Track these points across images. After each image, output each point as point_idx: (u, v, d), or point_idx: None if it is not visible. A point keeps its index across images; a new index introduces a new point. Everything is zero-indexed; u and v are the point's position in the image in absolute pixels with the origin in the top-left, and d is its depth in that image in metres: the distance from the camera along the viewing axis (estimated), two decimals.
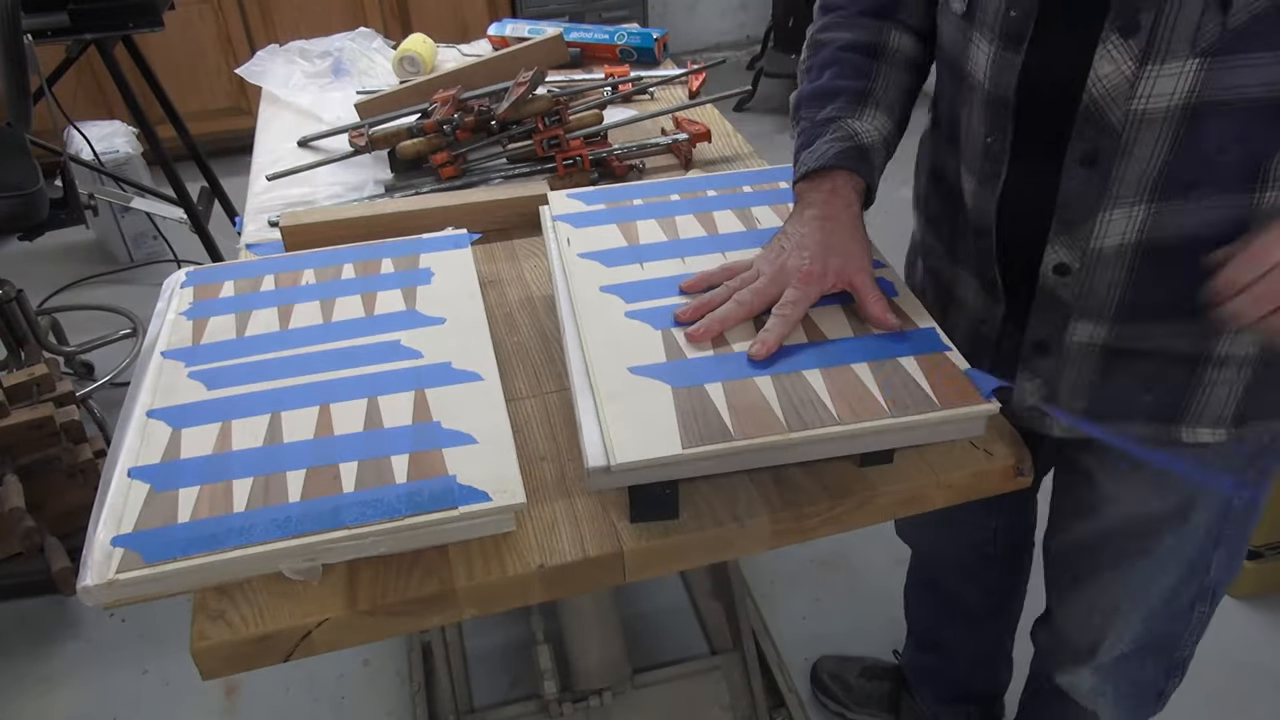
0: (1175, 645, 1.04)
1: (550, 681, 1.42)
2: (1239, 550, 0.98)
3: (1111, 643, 1.04)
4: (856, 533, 0.82)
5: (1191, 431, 0.84)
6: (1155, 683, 1.07)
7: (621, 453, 0.70)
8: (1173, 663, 1.06)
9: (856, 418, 0.73)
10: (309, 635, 0.69)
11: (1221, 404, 0.83)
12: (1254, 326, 0.69)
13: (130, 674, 1.72)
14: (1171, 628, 1.02)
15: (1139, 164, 0.74)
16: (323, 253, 1.03)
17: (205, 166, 2.69)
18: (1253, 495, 0.92)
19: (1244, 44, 0.68)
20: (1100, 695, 1.08)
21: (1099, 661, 1.06)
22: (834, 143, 0.88)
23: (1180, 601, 0.99)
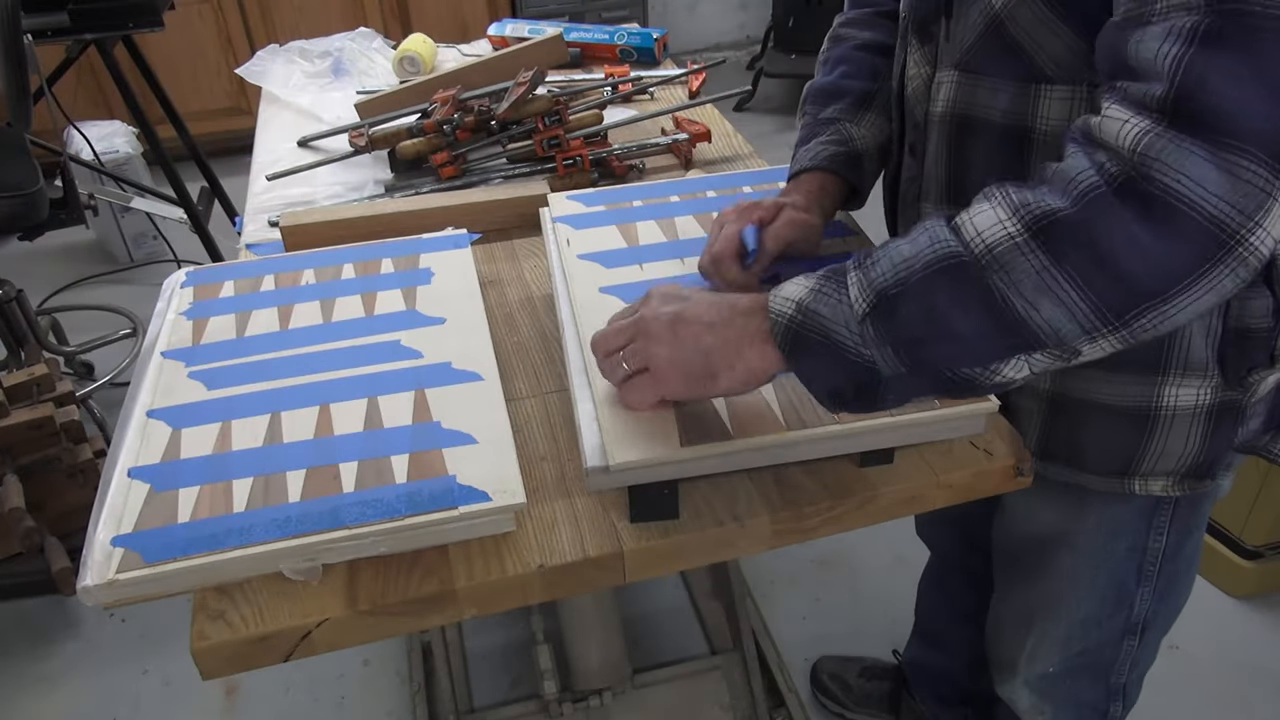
0: (1109, 671, 1.01)
1: (550, 681, 1.42)
2: (1171, 592, 0.95)
3: (1031, 657, 1.02)
4: (856, 533, 0.82)
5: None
6: (1096, 705, 1.04)
7: (619, 453, 0.70)
8: (1111, 688, 1.02)
9: (855, 416, 0.73)
10: (309, 635, 0.69)
11: (1025, 429, 0.86)
12: None
13: (130, 674, 1.72)
14: (1100, 655, 0.99)
15: (936, 164, 0.83)
16: (323, 253, 1.03)
17: (205, 166, 2.69)
18: (1177, 541, 0.90)
19: (980, 64, 0.75)
20: (1039, 713, 1.07)
21: (1028, 676, 1.05)
22: (828, 144, 0.92)
23: (1106, 632, 0.97)
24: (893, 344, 0.63)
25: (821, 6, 3.58)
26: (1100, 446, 0.83)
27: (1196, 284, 0.56)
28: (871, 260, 0.64)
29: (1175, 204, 0.54)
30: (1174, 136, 0.54)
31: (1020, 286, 0.58)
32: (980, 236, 0.60)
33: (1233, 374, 0.76)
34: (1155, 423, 0.79)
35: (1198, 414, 0.79)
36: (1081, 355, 0.61)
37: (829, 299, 0.65)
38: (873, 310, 0.63)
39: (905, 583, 1.81)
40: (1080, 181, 0.57)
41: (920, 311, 0.61)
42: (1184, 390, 0.77)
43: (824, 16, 3.60)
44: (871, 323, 0.63)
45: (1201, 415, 0.79)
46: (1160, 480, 0.83)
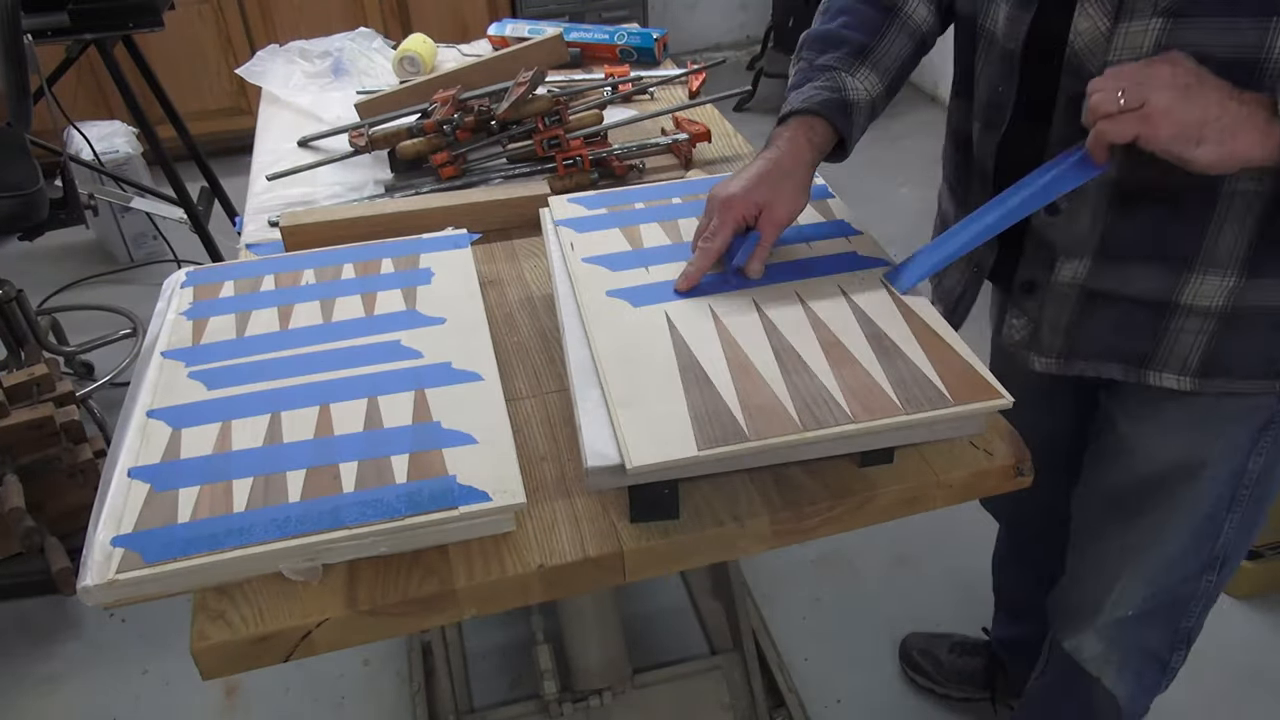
0: (1182, 613, 1.04)
1: (550, 681, 1.42)
2: (1254, 520, 0.98)
3: (1116, 602, 1.04)
4: (856, 532, 0.82)
5: (1158, 376, 0.90)
6: (1160, 653, 1.07)
7: (638, 456, 0.70)
8: (1178, 633, 1.05)
9: (870, 415, 0.73)
10: (309, 635, 0.69)
11: (1186, 352, 0.88)
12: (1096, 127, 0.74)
13: (130, 674, 1.72)
14: (1179, 594, 1.02)
15: None
16: (323, 253, 1.03)
17: (205, 166, 2.69)
18: (1269, 461, 0.93)
19: (1199, 7, 0.74)
20: (1106, 662, 1.08)
21: (1103, 623, 1.06)
22: (822, 89, 0.93)
23: (1189, 566, 1.00)
24: None
25: None
26: (1266, 352, 0.86)
27: None
28: None
29: None
30: None
31: None
32: None
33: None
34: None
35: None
36: None
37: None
38: None
39: (905, 582, 1.82)
40: None
41: None
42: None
43: None
44: None
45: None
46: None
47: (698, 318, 0.85)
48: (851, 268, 0.92)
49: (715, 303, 0.86)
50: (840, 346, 0.80)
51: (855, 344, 0.81)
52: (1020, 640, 1.51)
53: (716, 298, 0.87)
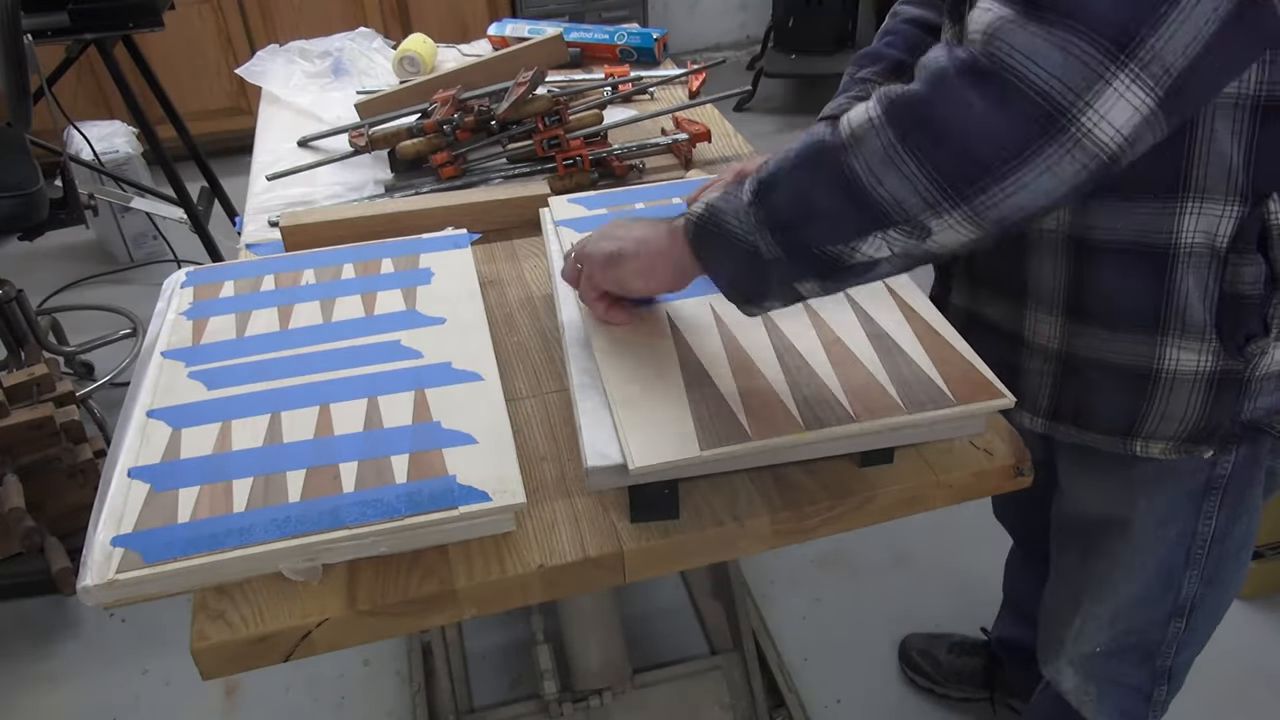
0: (1155, 654, 1.02)
1: (550, 681, 1.42)
2: (1221, 574, 0.97)
3: (1077, 638, 1.04)
4: (856, 532, 0.82)
5: (1018, 413, 0.90)
6: (1141, 687, 1.06)
7: (641, 456, 0.70)
8: (1156, 671, 1.04)
9: (873, 415, 0.73)
10: (309, 635, 0.69)
11: (1035, 392, 0.89)
12: None
13: (130, 674, 1.72)
14: (1147, 636, 1.01)
15: None
16: (323, 253, 1.03)
17: (205, 166, 2.69)
18: (1222, 524, 0.92)
19: None
20: (1085, 694, 1.08)
21: (1072, 656, 1.06)
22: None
23: (1152, 612, 0.99)
24: (770, 227, 0.67)
25: (821, 6, 3.58)
26: (1107, 407, 0.86)
27: (1031, 160, 0.57)
28: (766, 161, 0.69)
29: (1007, 76, 0.56)
30: (1021, 21, 0.56)
31: (870, 163, 0.61)
32: (849, 123, 0.63)
33: (1230, 341, 0.79)
34: (1157, 384, 0.82)
35: (1198, 380, 0.81)
36: (933, 234, 0.62)
37: (730, 196, 0.70)
38: (754, 198, 0.67)
39: (906, 582, 1.82)
40: (932, 65, 0.60)
41: (790, 194, 0.66)
42: (1184, 354, 0.80)
43: (824, 16, 3.62)
44: (753, 209, 0.67)
45: (1202, 382, 0.81)
46: (1160, 443, 0.85)
47: (699, 317, 0.84)
48: None
49: (716, 301, 0.86)
50: (842, 345, 0.80)
51: (857, 343, 0.81)
52: (1022, 642, 1.50)
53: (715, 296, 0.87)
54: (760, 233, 0.67)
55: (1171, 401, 0.82)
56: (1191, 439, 0.84)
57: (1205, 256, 0.76)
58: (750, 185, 0.68)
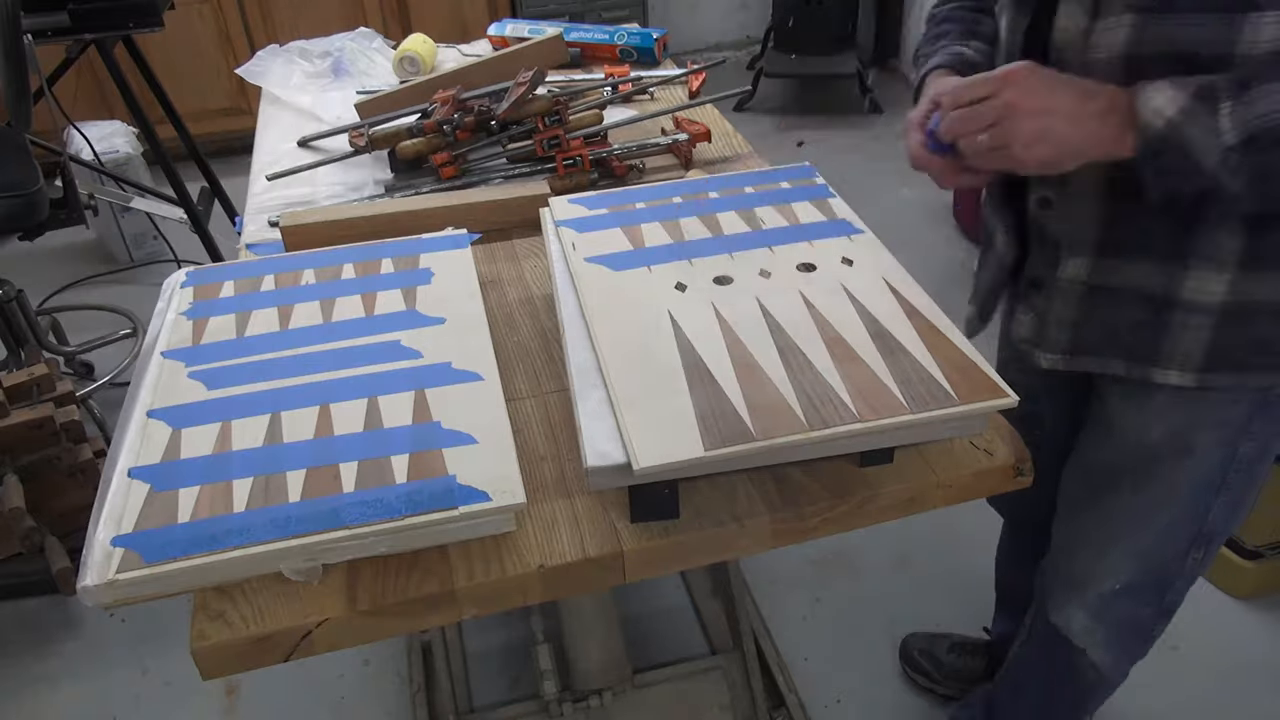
0: (1167, 588, 1.07)
1: (550, 681, 1.42)
2: (1241, 501, 1.00)
3: (1103, 576, 1.07)
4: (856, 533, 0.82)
5: (1162, 373, 0.91)
6: (1144, 625, 1.10)
7: (645, 457, 0.70)
8: (1163, 605, 1.09)
9: (876, 415, 0.73)
10: (309, 635, 0.69)
11: (1189, 348, 0.89)
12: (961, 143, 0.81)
13: (130, 674, 1.72)
14: (1164, 569, 1.05)
15: None
16: (323, 253, 1.03)
17: (205, 166, 2.70)
18: (1260, 446, 0.95)
19: (1168, 4, 0.77)
20: (1092, 634, 1.11)
21: (1090, 596, 1.09)
22: (944, 55, 1.01)
23: (1176, 544, 1.03)
24: (1250, 176, 0.71)
25: (821, 6, 3.58)
26: (1268, 344, 0.87)
27: None
28: (1250, 97, 0.71)
29: None
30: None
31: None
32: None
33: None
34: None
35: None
36: None
37: (1200, 123, 0.72)
38: (1244, 145, 0.70)
39: (906, 582, 1.82)
40: None
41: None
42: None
43: (824, 16, 3.62)
44: (1238, 154, 0.70)
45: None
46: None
47: (701, 316, 0.84)
48: None
49: (718, 301, 0.86)
50: (844, 345, 0.80)
51: (860, 342, 0.81)
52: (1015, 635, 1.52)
53: (718, 295, 0.87)
54: (1234, 175, 0.71)
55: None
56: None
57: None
58: (1238, 126, 0.70)
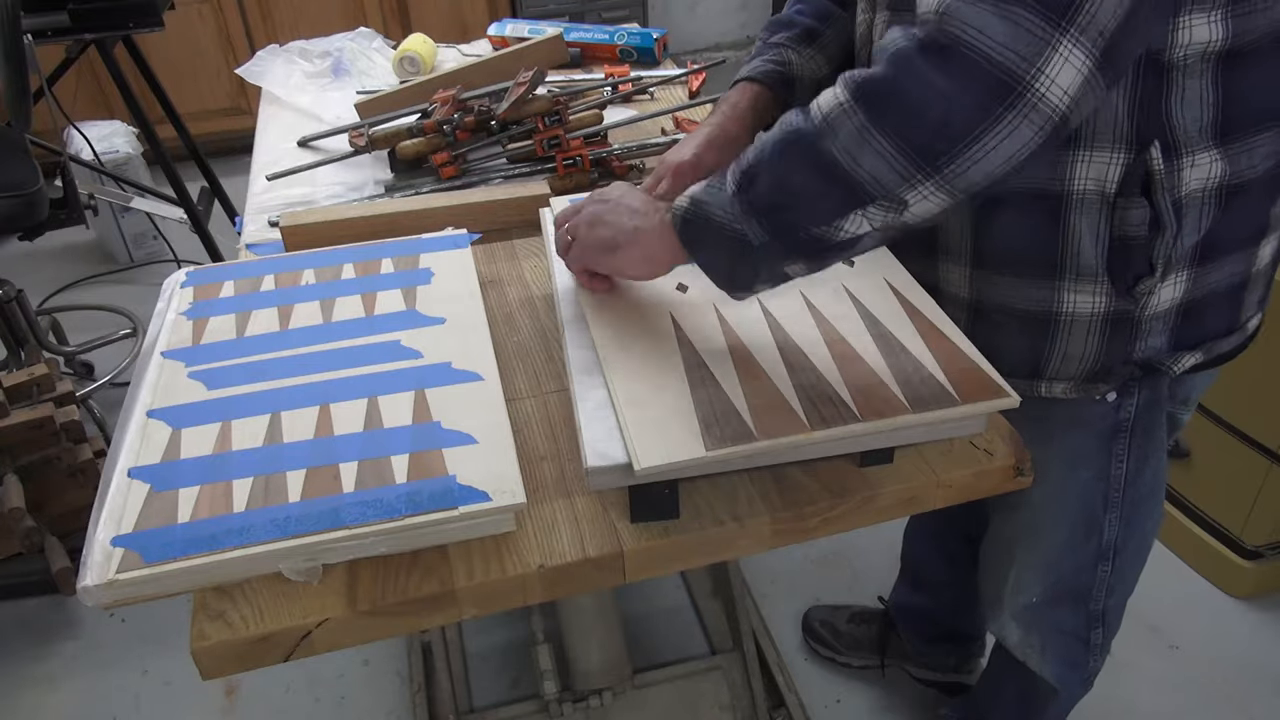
0: (1087, 598, 1.08)
1: (550, 681, 1.42)
2: (1136, 517, 1.02)
3: (1015, 589, 1.10)
4: (856, 532, 0.82)
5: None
6: (1078, 632, 1.12)
7: (646, 457, 0.70)
8: (1090, 615, 1.10)
9: (878, 415, 0.73)
10: (309, 635, 0.69)
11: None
12: None
13: (130, 674, 1.72)
14: (1078, 581, 1.07)
15: None
16: (323, 253, 1.03)
17: (205, 166, 2.70)
18: (1133, 467, 0.97)
19: (904, 4, 0.80)
20: (1029, 646, 1.14)
21: (1013, 609, 1.12)
22: (768, 62, 1.01)
23: (1080, 558, 1.05)
24: (755, 214, 0.71)
25: None
26: (1012, 350, 0.90)
27: (993, 127, 0.62)
28: (745, 151, 0.74)
29: (965, 51, 0.61)
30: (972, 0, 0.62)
31: (845, 145, 0.66)
32: (820, 109, 0.68)
33: (1120, 282, 0.84)
34: (1057, 327, 0.88)
35: (1094, 321, 0.87)
36: (909, 207, 0.67)
37: (713, 188, 0.74)
38: (738, 188, 0.72)
39: None
40: (892, 47, 0.65)
41: (773, 182, 0.70)
42: (1080, 296, 0.86)
43: None
44: (738, 198, 0.72)
45: (1097, 322, 0.87)
46: (1062, 384, 0.91)
47: (702, 316, 0.85)
48: None
49: (720, 301, 0.86)
50: (845, 345, 0.80)
51: (861, 342, 0.81)
52: (915, 607, 1.59)
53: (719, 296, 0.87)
54: (747, 221, 0.71)
55: (1070, 343, 0.88)
56: (1090, 378, 0.90)
57: (1096, 202, 0.81)
58: (733, 177, 0.72)
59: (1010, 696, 1.29)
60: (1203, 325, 0.88)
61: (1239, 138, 0.78)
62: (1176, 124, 0.77)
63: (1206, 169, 0.79)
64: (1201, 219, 0.82)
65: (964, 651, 1.57)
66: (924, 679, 1.62)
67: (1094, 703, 1.49)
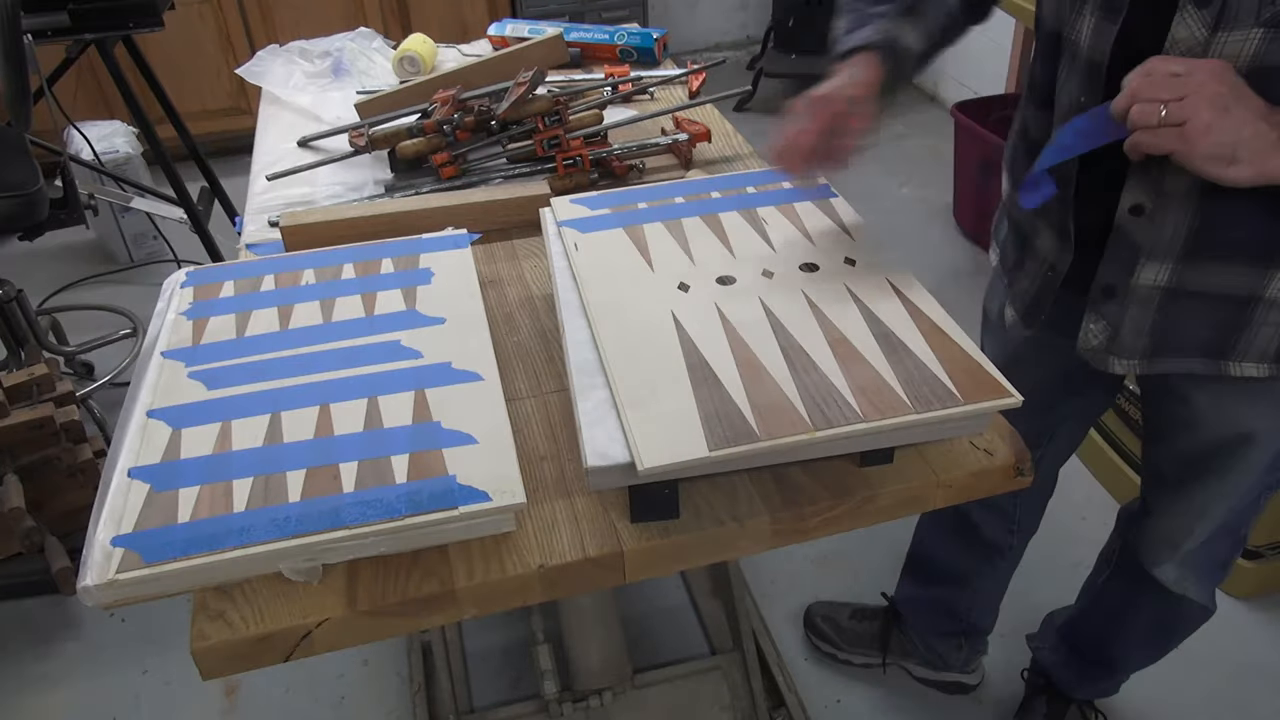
0: (1243, 525, 1.16)
1: (550, 681, 1.42)
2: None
3: (1198, 535, 1.16)
4: (856, 532, 0.82)
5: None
6: (1228, 560, 1.20)
7: (649, 457, 0.70)
8: (1238, 539, 1.18)
9: (880, 415, 0.73)
10: (309, 635, 0.69)
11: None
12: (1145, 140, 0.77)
13: (130, 674, 1.72)
14: (1244, 515, 1.14)
15: None
16: (323, 253, 1.03)
17: (205, 166, 2.70)
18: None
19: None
20: (1185, 581, 1.21)
21: (1182, 553, 1.18)
22: (879, 32, 0.96)
23: (1253, 504, 1.12)
24: None
25: (821, 6, 3.58)
26: (1207, 331, 0.93)
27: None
28: None
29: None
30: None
31: None
32: None
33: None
34: (1257, 307, 0.90)
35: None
36: None
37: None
38: None
39: None
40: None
41: None
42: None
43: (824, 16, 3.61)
44: None
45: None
46: (1252, 363, 0.94)
47: (704, 316, 0.84)
48: None
49: (721, 301, 0.86)
50: (848, 345, 0.80)
51: (863, 342, 0.81)
52: (923, 601, 1.59)
53: (721, 295, 0.87)
54: None
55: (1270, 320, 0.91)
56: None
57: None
58: None
59: (1144, 624, 1.33)
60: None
61: None
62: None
63: None
64: None
65: (973, 647, 1.56)
66: (924, 678, 1.62)
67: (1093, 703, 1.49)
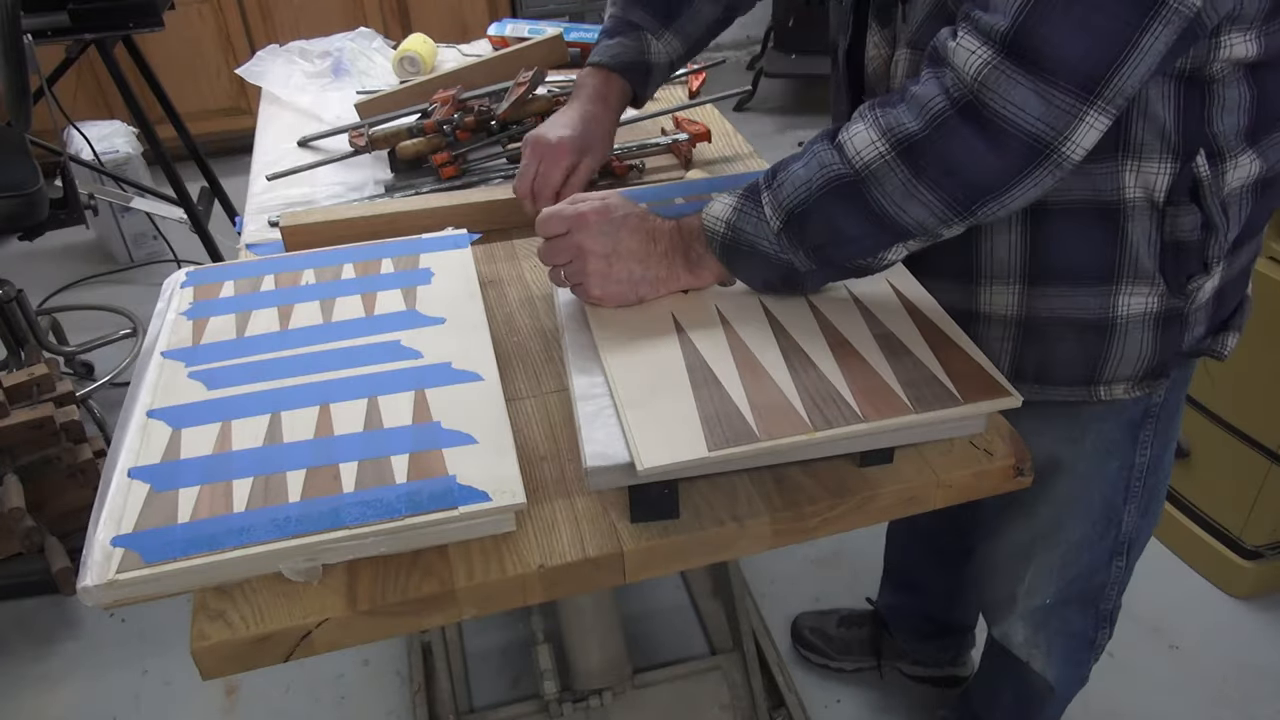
0: (1099, 597, 1.11)
1: (550, 681, 1.42)
2: (1150, 507, 1.05)
3: (1028, 592, 1.11)
4: (856, 533, 0.82)
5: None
6: (1085, 634, 1.14)
7: (649, 458, 0.70)
8: (1099, 615, 1.12)
9: (880, 415, 0.73)
10: (309, 635, 0.69)
11: (995, 360, 0.91)
12: None
13: (130, 674, 1.72)
14: (1092, 581, 1.09)
15: None
16: (323, 253, 1.03)
17: (205, 166, 2.70)
18: (1154, 454, 1.00)
19: (919, 43, 0.84)
20: (1034, 647, 1.16)
21: (1023, 611, 1.12)
22: (629, 49, 1.07)
23: (1097, 555, 1.06)
24: (803, 249, 0.80)
25: (822, 6, 3.58)
26: (1068, 361, 0.92)
27: (1023, 182, 0.72)
28: (777, 183, 0.80)
29: (1004, 125, 0.70)
30: (1008, 70, 0.68)
31: (893, 196, 0.75)
32: (859, 155, 0.75)
33: (1174, 281, 0.87)
34: (1114, 331, 0.89)
35: (1147, 320, 0.89)
36: (942, 236, 0.78)
37: (750, 217, 0.81)
38: (785, 226, 0.80)
39: None
40: (931, 107, 0.72)
41: (821, 223, 0.78)
42: (1135, 299, 0.88)
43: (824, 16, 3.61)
44: (785, 235, 0.80)
45: (1150, 321, 0.89)
46: (1120, 385, 0.93)
47: (704, 318, 0.85)
48: None
49: (721, 302, 0.86)
50: (848, 345, 0.81)
51: (863, 343, 0.81)
52: (904, 607, 1.59)
53: (720, 296, 0.87)
54: (794, 252, 0.80)
55: (1128, 345, 0.90)
56: (1148, 375, 0.92)
57: (1146, 210, 0.84)
58: (775, 213, 0.80)
59: (1007, 698, 1.29)
60: (1226, 305, 0.93)
61: (1267, 133, 0.82)
62: (1218, 131, 0.80)
63: (1246, 169, 0.83)
64: (1241, 213, 0.85)
65: (957, 644, 1.58)
66: (917, 676, 1.62)
67: (1094, 703, 1.49)
